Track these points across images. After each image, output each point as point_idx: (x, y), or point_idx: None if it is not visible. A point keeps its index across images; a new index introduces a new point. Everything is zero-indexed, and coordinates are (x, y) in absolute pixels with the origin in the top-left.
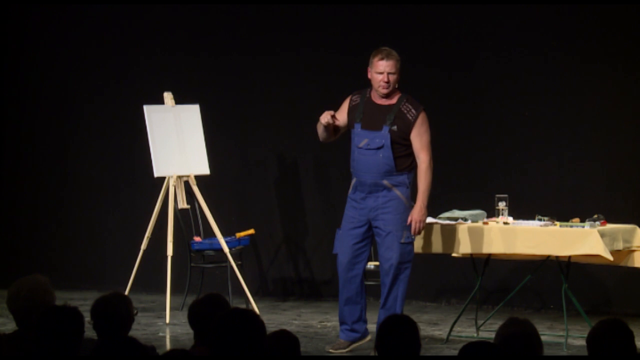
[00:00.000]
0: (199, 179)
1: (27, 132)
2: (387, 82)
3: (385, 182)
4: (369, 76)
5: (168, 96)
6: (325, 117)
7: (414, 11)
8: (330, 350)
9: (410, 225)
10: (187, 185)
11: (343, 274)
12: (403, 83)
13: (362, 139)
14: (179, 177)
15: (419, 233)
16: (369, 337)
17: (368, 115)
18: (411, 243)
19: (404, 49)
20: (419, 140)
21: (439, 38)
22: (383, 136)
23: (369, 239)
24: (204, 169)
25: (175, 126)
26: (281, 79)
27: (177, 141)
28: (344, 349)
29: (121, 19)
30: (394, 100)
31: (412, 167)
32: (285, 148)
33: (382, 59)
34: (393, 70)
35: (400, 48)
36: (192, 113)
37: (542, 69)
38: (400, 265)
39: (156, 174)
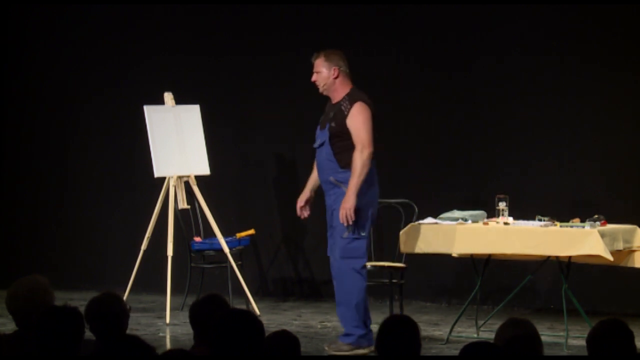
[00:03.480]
0: (199, 179)
1: (27, 132)
2: (315, 81)
3: (332, 179)
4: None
5: (168, 96)
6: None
7: (414, 11)
8: (326, 347)
9: (357, 220)
10: (187, 185)
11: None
12: (403, 83)
13: (316, 139)
14: (179, 177)
15: (348, 222)
16: (372, 347)
17: (324, 116)
18: (357, 239)
19: (403, 49)
20: (353, 125)
21: (438, 38)
22: (325, 134)
23: None
24: (204, 169)
25: (175, 126)
26: (281, 79)
27: (177, 141)
28: (346, 352)
29: (121, 19)
30: (338, 99)
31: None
32: (285, 148)
33: (312, 60)
34: (318, 70)
35: (400, 48)
36: (192, 113)
37: (542, 69)
38: (344, 260)
39: (156, 174)
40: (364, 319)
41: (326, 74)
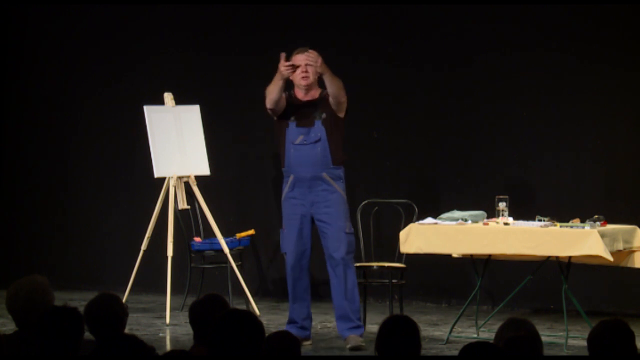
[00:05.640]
0: (199, 179)
1: (27, 133)
2: (306, 72)
3: (324, 174)
4: (290, 77)
5: (168, 96)
6: (286, 67)
7: (413, 11)
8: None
9: (347, 219)
10: (187, 185)
11: (292, 272)
12: (403, 83)
13: (297, 136)
14: (179, 177)
15: (316, 60)
16: (310, 339)
17: (299, 112)
18: (353, 234)
19: (402, 48)
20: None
21: (438, 38)
22: (318, 130)
23: (311, 235)
24: (204, 170)
25: (175, 126)
26: None
27: (177, 141)
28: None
29: (121, 19)
30: (317, 95)
31: (343, 160)
32: None
33: (299, 53)
34: (311, 63)
35: (399, 48)
36: (192, 113)
37: (542, 69)
38: (347, 256)
39: (156, 175)
40: None
41: (315, 69)
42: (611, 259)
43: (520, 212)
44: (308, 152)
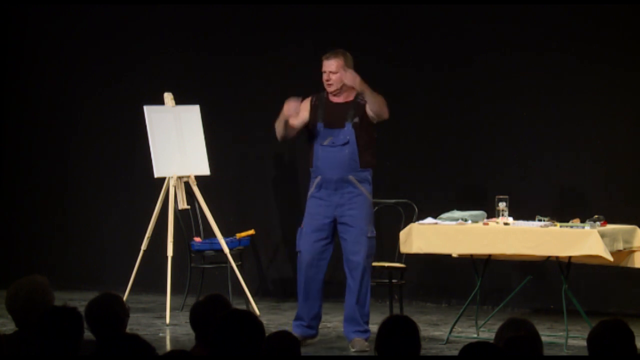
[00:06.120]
0: (199, 179)
1: (27, 133)
2: (328, 81)
3: (351, 177)
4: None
5: (168, 96)
6: (291, 107)
7: (413, 11)
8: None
9: (372, 219)
10: (187, 185)
11: (306, 271)
12: (403, 83)
13: (326, 137)
14: (179, 177)
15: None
16: (317, 337)
17: (329, 114)
18: (374, 238)
19: (402, 48)
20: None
21: (438, 38)
22: (347, 132)
23: (333, 237)
24: (204, 170)
25: (175, 127)
26: (281, 78)
27: (177, 142)
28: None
29: (121, 19)
30: (351, 97)
31: (373, 163)
32: (284, 148)
33: (326, 59)
34: (333, 70)
35: (399, 48)
36: (192, 113)
37: (542, 69)
38: (367, 259)
39: (156, 175)
40: None
41: (340, 76)
42: (611, 259)
43: (520, 212)
44: (336, 154)
